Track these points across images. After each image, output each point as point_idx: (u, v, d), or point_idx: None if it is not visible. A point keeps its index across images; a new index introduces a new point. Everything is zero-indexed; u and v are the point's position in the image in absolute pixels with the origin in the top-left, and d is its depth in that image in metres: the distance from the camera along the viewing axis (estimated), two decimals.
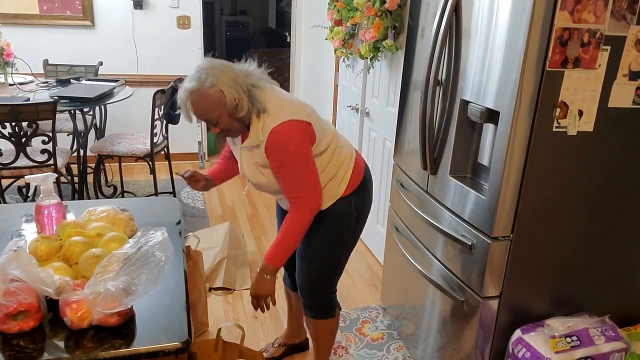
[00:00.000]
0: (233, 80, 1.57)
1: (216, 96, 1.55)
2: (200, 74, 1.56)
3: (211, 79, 1.55)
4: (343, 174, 1.80)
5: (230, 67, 1.61)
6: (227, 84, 1.56)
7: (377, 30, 2.67)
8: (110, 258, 1.25)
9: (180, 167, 4.51)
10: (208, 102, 1.56)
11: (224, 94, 1.55)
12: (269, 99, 1.64)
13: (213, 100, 1.56)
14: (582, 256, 1.79)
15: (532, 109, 1.54)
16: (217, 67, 1.58)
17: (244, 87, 1.59)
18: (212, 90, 1.55)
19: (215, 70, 1.57)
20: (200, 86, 1.55)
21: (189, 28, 4.57)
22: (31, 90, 3.29)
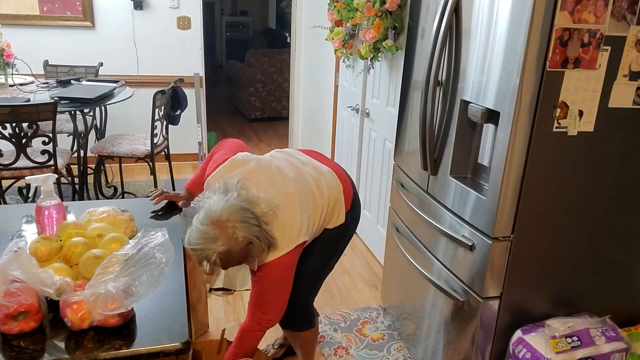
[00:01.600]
0: (258, 230, 1.52)
1: (245, 248, 1.51)
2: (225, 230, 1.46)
3: (240, 234, 1.47)
4: (338, 211, 1.82)
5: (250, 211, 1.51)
6: (255, 235, 1.50)
7: (377, 31, 2.67)
8: (111, 259, 1.25)
9: (180, 167, 4.51)
10: (237, 256, 1.51)
11: (254, 245, 1.51)
12: (275, 229, 1.60)
13: (242, 253, 1.51)
14: (583, 256, 1.79)
15: (533, 109, 1.54)
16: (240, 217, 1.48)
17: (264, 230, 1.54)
18: (242, 245, 1.49)
19: (239, 222, 1.48)
20: (230, 245, 1.47)
21: (189, 29, 4.57)
22: (31, 91, 3.29)
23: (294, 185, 1.70)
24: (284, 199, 1.66)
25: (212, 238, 1.46)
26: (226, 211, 1.48)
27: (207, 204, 1.51)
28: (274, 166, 1.74)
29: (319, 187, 1.76)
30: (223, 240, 1.46)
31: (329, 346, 2.43)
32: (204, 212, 1.49)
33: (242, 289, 2.88)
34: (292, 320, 1.96)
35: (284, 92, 6.21)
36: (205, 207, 1.51)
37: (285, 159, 1.81)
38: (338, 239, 1.88)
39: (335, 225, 1.83)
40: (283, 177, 1.71)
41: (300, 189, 1.71)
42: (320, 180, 1.78)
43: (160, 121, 3.51)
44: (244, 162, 1.72)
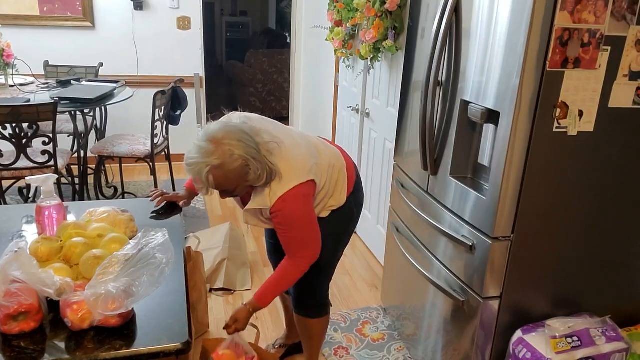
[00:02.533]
0: (257, 152, 1.52)
1: (240, 170, 1.51)
2: (221, 146, 1.48)
3: (236, 152, 1.49)
4: (341, 187, 1.82)
5: (248, 134, 1.54)
6: (252, 156, 1.51)
7: (377, 31, 2.67)
8: (111, 259, 1.25)
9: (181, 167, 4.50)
10: (231, 176, 1.51)
11: (249, 167, 1.51)
12: (279, 161, 1.60)
13: (236, 173, 1.51)
14: (583, 256, 1.79)
15: (533, 109, 1.54)
16: (238, 136, 1.51)
17: (265, 157, 1.55)
18: (236, 164, 1.49)
19: (236, 140, 1.50)
20: (223, 161, 1.48)
21: (189, 29, 4.57)
22: (32, 92, 3.29)
23: (300, 138, 1.74)
24: (289, 140, 1.68)
25: (207, 152, 1.48)
26: (224, 130, 1.51)
27: (206, 126, 1.56)
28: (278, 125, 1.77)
29: (325, 148, 1.81)
30: (218, 155, 1.48)
31: (329, 346, 2.43)
32: (203, 131, 1.53)
33: (242, 289, 2.88)
34: (305, 306, 1.98)
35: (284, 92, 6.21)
36: (204, 128, 1.55)
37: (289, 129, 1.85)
38: (342, 225, 1.87)
39: (339, 204, 1.81)
40: (288, 130, 1.76)
41: (307, 142, 1.74)
42: (326, 146, 1.83)
43: (161, 121, 3.51)
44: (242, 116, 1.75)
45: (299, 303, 1.98)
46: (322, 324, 2.05)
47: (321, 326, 2.05)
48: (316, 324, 2.02)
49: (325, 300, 2.02)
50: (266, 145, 1.57)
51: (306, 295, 1.95)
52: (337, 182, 1.80)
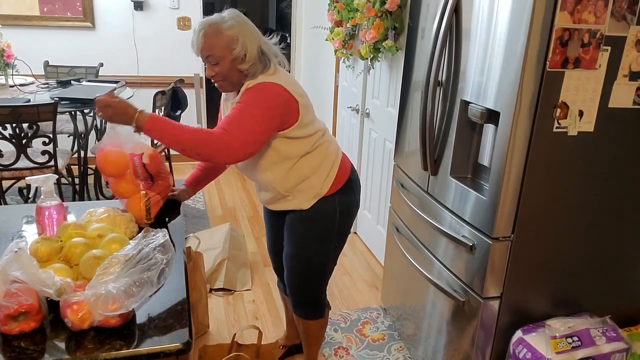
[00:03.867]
0: (251, 34, 1.63)
1: (230, 38, 1.60)
2: (223, 16, 1.63)
3: (233, 23, 1.61)
4: (327, 170, 1.79)
5: (254, 26, 1.68)
6: (244, 34, 1.61)
7: (377, 31, 2.67)
8: (111, 259, 1.25)
9: (181, 168, 4.51)
10: (220, 40, 1.60)
11: (239, 40, 1.60)
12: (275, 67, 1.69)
13: (225, 40, 1.60)
14: (583, 256, 1.79)
15: (533, 109, 1.54)
16: (243, 19, 1.65)
17: (259, 46, 1.64)
18: (228, 32, 1.60)
19: (240, 19, 1.64)
20: (219, 22, 1.61)
21: (189, 29, 4.57)
22: (32, 92, 3.29)
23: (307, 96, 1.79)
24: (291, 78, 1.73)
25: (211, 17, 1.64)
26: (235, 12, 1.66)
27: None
28: None
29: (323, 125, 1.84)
30: (216, 18, 1.63)
31: (330, 346, 2.43)
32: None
33: (242, 289, 2.88)
34: (303, 307, 1.98)
35: None
36: None
37: None
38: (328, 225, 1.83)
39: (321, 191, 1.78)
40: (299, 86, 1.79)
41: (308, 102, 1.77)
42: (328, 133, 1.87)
43: None
44: None
45: (296, 304, 1.98)
46: (320, 325, 2.05)
47: (318, 327, 2.05)
48: (313, 324, 2.02)
49: (321, 302, 2.01)
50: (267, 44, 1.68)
51: (302, 297, 1.95)
52: (325, 158, 1.78)
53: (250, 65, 1.63)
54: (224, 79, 1.67)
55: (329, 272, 1.95)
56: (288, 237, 1.88)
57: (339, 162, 1.84)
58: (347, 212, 1.86)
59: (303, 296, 1.96)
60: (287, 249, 1.90)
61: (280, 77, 1.67)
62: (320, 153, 1.78)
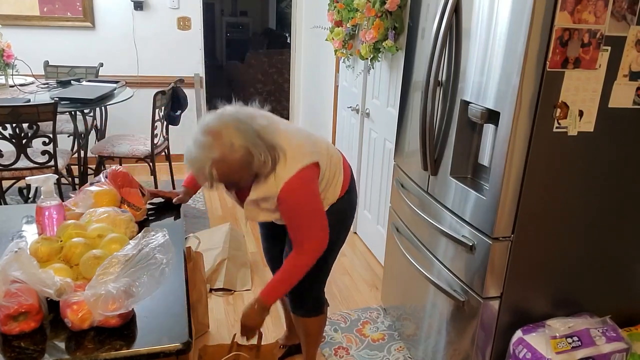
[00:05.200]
0: (256, 137, 1.47)
1: (244, 159, 1.45)
2: (219, 138, 1.43)
3: (236, 142, 1.43)
4: (337, 180, 1.81)
5: (246, 122, 1.49)
6: (252, 143, 1.46)
7: (377, 31, 2.67)
8: (111, 260, 1.25)
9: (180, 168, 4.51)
10: (235, 167, 1.46)
11: (252, 155, 1.46)
12: (283, 142, 1.57)
13: (241, 163, 1.46)
14: (583, 256, 1.79)
15: (533, 109, 1.54)
16: (235, 125, 1.46)
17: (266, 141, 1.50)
18: (238, 154, 1.44)
19: (234, 129, 1.45)
20: (224, 153, 1.43)
21: (189, 29, 4.57)
22: (32, 92, 3.29)
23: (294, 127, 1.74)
24: (285, 126, 1.66)
25: (206, 146, 1.42)
26: (220, 120, 1.46)
27: (201, 119, 1.50)
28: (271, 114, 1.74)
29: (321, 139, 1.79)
30: (218, 148, 1.42)
31: (330, 346, 2.43)
32: (199, 125, 1.48)
33: (242, 289, 2.87)
34: (302, 305, 1.98)
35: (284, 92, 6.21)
36: (199, 121, 1.50)
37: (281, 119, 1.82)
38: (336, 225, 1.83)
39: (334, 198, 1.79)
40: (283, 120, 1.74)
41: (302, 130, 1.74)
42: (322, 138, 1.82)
43: (161, 122, 3.51)
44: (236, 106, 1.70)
45: (295, 302, 1.98)
46: (318, 323, 2.06)
47: (317, 325, 2.06)
48: (312, 322, 2.03)
49: (320, 300, 2.02)
50: (264, 128, 1.52)
51: (301, 294, 1.95)
52: (335, 173, 1.78)
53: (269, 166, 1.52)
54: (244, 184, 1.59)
55: (329, 270, 1.97)
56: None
57: (342, 167, 1.84)
58: (351, 211, 1.89)
59: (303, 295, 1.96)
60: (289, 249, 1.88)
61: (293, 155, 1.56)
62: (330, 171, 1.76)
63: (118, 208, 1.64)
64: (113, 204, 1.65)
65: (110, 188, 1.71)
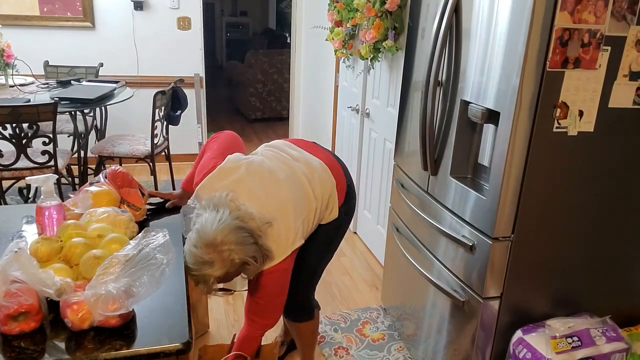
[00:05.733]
0: (255, 250, 1.51)
1: (241, 269, 1.54)
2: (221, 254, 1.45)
3: (236, 257, 1.47)
4: (332, 206, 1.80)
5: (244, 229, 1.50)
6: (251, 256, 1.51)
7: (377, 31, 2.67)
8: (111, 260, 1.25)
9: (181, 168, 4.51)
10: (233, 275, 1.55)
11: (250, 264, 1.52)
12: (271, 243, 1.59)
13: (237, 272, 1.55)
14: (583, 256, 1.79)
15: (533, 109, 1.54)
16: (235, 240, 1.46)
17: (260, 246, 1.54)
18: (237, 266, 1.51)
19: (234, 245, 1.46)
20: (226, 269, 1.48)
21: (189, 29, 4.57)
22: (32, 92, 3.29)
23: (288, 189, 1.65)
24: (278, 208, 1.62)
25: (208, 263, 1.44)
26: (220, 233, 1.45)
27: (199, 223, 1.48)
28: (265, 169, 1.69)
29: (312, 186, 1.72)
30: (219, 265, 1.45)
31: (329, 346, 2.43)
32: (197, 234, 1.46)
33: (242, 289, 2.87)
34: (292, 311, 1.98)
35: (284, 92, 6.21)
36: (197, 227, 1.48)
37: (277, 157, 1.75)
38: (332, 234, 1.87)
39: (329, 220, 1.81)
40: (275, 180, 1.66)
41: (294, 193, 1.66)
42: (314, 178, 1.74)
43: (161, 121, 3.51)
44: (232, 169, 1.67)
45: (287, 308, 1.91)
46: (310, 327, 2.06)
47: (309, 328, 2.06)
48: (304, 327, 2.03)
49: (310, 305, 2.01)
50: (259, 230, 1.54)
51: (293, 300, 1.90)
52: (327, 204, 1.79)
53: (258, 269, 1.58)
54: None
55: (320, 276, 1.98)
56: None
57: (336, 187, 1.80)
58: (350, 216, 1.90)
59: (294, 300, 1.91)
60: None
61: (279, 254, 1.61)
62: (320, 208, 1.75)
63: (118, 208, 1.64)
64: (112, 204, 1.65)
65: (110, 188, 1.71)
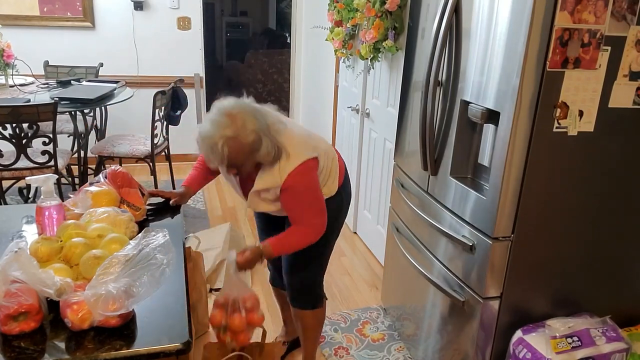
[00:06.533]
0: (267, 128, 1.58)
1: (254, 144, 1.55)
2: (235, 120, 1.52)
3: (250, 125, 1.53)
4: (334, 175, 1.87)
5: (260, 112, 1.60)
6: (264, 132, 1.56)
7: (377, 31, 2.67)
8: (112, 260, 1.25)
9: (180, 168, 4.51)
10: (245, 149, 1.55)
11: (262, 142, 1.55)
12: (285, 140, 1.65)
13: (251, 147, 1.55)
14: (583, 256, 1.79)
15: (533, 109, 1.54)
16: (252, 112, 1.57)
17: (274, 133, 1.60)
18: (250, 138, 1.53)
19: (250, 115, 1.55)
20: (238, 133, 1.52)
21: (189, 29, 4.57)
22: (32, 92, 3.29)
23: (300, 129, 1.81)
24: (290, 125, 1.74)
25: (222, 125, 1.51)
26: (238, 105, 1.57)
27: (218, 102, 1.59)
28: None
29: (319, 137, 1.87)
30: (232, 127, 1.51)
31: (330, 346, 2.43)
32: (216, 107, 1.57)
33: None
34: (300, 298, 2.01)
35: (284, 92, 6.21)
36: (216, 104, 1.58)
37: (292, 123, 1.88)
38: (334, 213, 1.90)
39: (331, 192, 1.86)
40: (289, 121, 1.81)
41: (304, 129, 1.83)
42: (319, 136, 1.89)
43: (161, 121, 3.51)
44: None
45: (295, 296, 2.01)
46: (317, 316, 2.07)
47: (316, 318, 2.07)
48: (311, 315, 2.04)
49: (317, 292, 2.04)
50: (273, 125, 1.62)
51: (300, 287, 1.99)
52: (331, 170, 1.86)
53: (272, 158, 1.61)
54: (244, 171, 1.67)
55: (326, 262, 2.02)
56: None
57: (337, 161, 1.90)
58: (347, 202, 1.96)
59: (302, 287, 1.99)
60: None
61: (296, 149, 1.66)
62: (327, 167, 1.83)
63: (118, 208, 1.64)
64: (112, 205, 1.65)
65: (109, 188, 1.71)
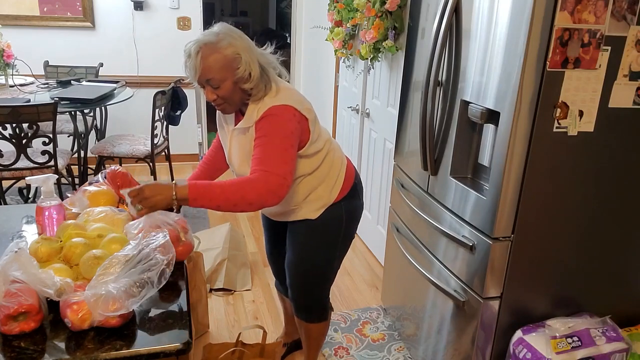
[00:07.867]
0: (250, 50, 1.54)
1: (230, 57, 1.50)
2: (217, 33, 1.51)
3: (229, 40, 1.50)
4: (334, 179, 1.77)
5: (250, 40, 1.58)
6: (245, 51, 1.52)
7: (377, 31, 2.67)
8: (112, 260, 1.25)
9: (180, 168, 4.51)
10: (220, 61, 1.49)
11: (241, 58, 1.50)
12: (280, 85, 1.62)
13: (226, 60, 1.49)
14: (583, 256, 1.79)
15: (533, 109, 1.54)
16: (237, 33, 1.54)
17: (259, 61, 1.55)
18: (227, 51, 1.49)
19: (235, 34, 1.53)
20: (216, 41, 1.49)
21: (189, 29, 4.57)
22: (32, 92, 3.30)
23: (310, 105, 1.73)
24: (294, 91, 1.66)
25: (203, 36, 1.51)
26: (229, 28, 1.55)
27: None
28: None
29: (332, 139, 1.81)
30: (211, 37, 1.50)
31: (330, 346, 2.43)
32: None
33: (242, 289, 2.88)
34: (303, 310, 1.96)
35: None
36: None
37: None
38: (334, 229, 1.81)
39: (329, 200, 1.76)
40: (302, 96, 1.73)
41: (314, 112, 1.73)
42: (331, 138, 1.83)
43: (161, 122, 3.51)
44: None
45: (299, 307, 1.95)
46: (321, 329, 2.03)
47: (320, 330, 2.03)
48: (315, 328, 2.00)
49: (321, 307, 1.98)
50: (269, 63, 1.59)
51: (306, 300, 1.92)
52: (331, 167, 1.76)
53: (254, 85, 1.54)
54: (225, 102, 1.57)
55: (333, 276, 1.93)
56: (292, 244, 1.84)
57: (345, 169, 1.81)
58: (353, 217, 1.85)
59: (307, 300, 1.93)
60: (290, 256, 1.86)
61: (286, 95, 1.59)
62: (326, 164, 1.75)
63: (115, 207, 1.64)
64: (109, 205, 1.65)
65: (107, 188, 1.71)
